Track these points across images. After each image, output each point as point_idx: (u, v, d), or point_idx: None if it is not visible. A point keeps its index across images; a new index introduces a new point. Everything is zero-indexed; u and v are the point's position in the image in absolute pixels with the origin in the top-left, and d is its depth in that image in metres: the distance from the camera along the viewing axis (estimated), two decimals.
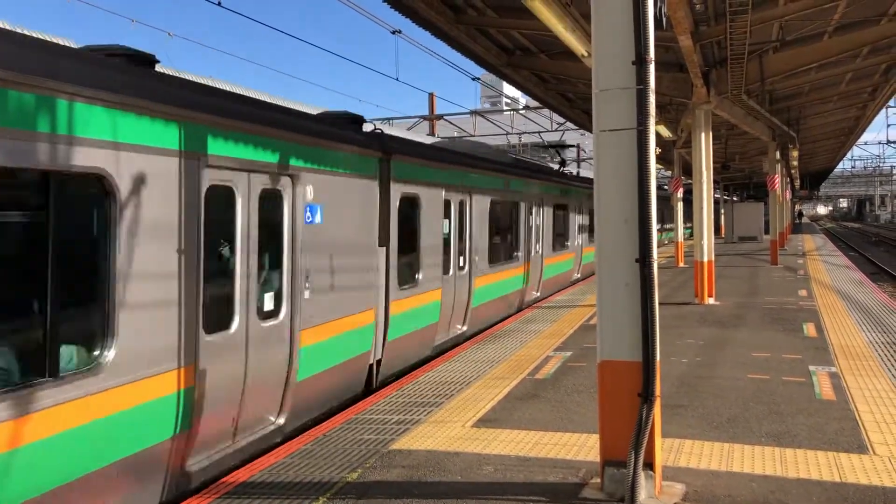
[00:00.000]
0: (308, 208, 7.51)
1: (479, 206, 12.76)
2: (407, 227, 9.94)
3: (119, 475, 5.17)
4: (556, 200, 18.26)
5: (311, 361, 7.51)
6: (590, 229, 22.01)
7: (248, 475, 5.72)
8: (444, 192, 11.23)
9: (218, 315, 6.20)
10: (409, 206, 10.12)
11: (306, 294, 7.40)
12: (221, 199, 6.30)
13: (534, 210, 16.24)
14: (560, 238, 18.63)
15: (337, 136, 8.26)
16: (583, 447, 6.18)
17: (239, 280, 6.47)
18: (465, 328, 12.31)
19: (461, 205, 12.12)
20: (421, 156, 10.44)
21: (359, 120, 9.62)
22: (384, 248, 9.21)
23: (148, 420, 5.39)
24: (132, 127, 5.27)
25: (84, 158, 4.85)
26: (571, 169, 41.83)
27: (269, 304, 6.93)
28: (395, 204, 9.47)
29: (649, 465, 4.98)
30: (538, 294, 16.65)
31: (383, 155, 9.29)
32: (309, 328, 7.43)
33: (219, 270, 6.31)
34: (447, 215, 11.51)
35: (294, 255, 7.26)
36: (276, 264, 7.13)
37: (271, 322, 6.95)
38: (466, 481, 5.48)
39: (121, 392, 5.12)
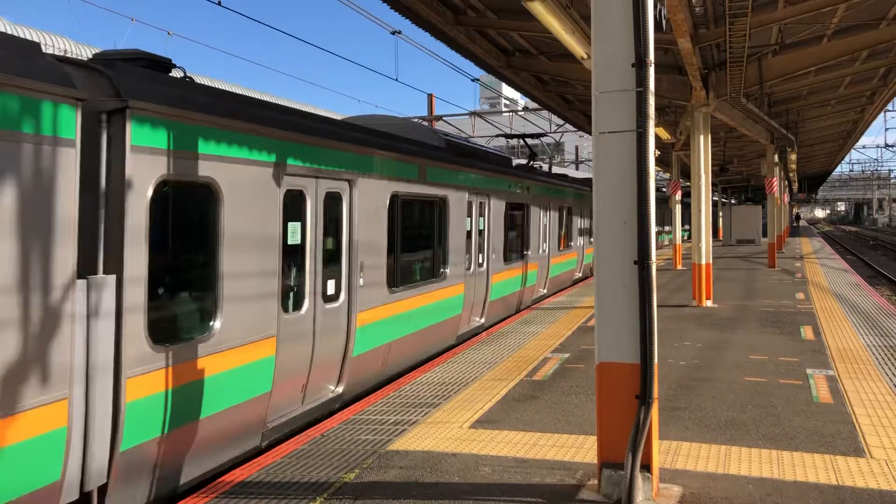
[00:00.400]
0: (361, 209, 8.67)
1: (496, 209, 13.90)
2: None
3: (234, 418, 6.48)
4: (562, 203, 18.99)
5: (365, 339, 8.69)
6: (590, 230, 22.45)
7: (246, 475, 5.72)
8: (467, 195, 12.29)
9: (293, 298, 7.46)
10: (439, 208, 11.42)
11: (360, 282, 8.60)
12: (296, 201, 7.46)
13: (542, 212, 17.08)
14: (565, 238, 19.49)
15: (392, 148, 9.54)
16: (580, 449, 6.18)
17: (308, 269, 7.66)
18: (481, 318, 13.94)
19: (481, 206, 13.22)
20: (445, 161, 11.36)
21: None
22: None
23: (250, 377, 6.66)
24: (235, 144, 6.50)
25: (203, 170, 6.07)
26: (567, 169, 41.90)
27: (330, 290, 8.14)
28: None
29: (646, 468, 4.99)
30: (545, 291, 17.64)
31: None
32: (363, 311, 8.66)
33: (293, 261, 7.50)
34: (471, 215, 12.74)
35: (350, 249, 8.45)
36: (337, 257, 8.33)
37: (332, 305, 8.13)
38: (464, 482, 5.48)
39: (233, 353, 6.42)
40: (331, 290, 8.04)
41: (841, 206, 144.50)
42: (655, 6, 5.36)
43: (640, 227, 5.04)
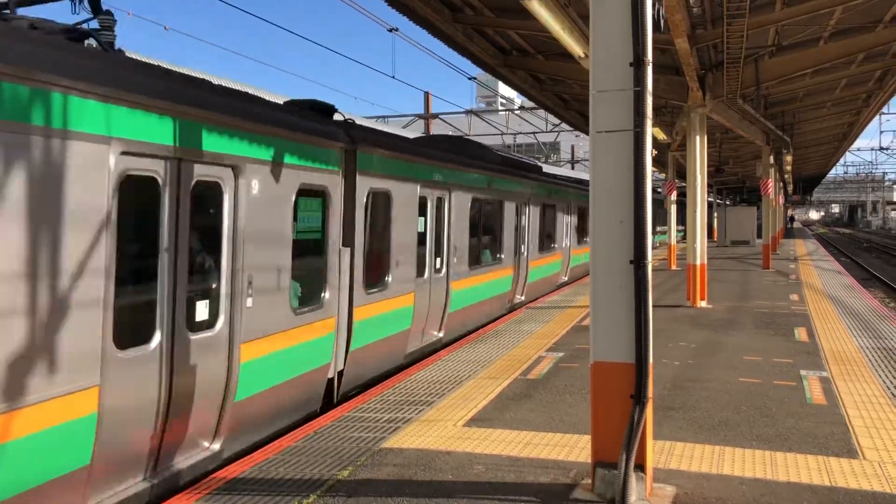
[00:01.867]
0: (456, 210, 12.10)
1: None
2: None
3: (394, 343, 9.82)
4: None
5: (456, 300, 12.10)
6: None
7: (239, 471, 5.70)
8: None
9: (419, 270, 10.61)
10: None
11: (454, 260, 11.99)
12: (423, 205, 10.93)
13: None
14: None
15: (467, 163, 12.57)
16: (574, 448, 6.18)
17: (430, 251, 11.25)
18: (523, 297, 16.27)
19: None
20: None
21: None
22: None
23: (402, 317, 9.94)
24: (401, 170, 9.96)
25: (386, 185, 9.48)
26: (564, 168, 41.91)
27: (437, 264, 11.55)
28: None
29: (640, 467, 4.98)
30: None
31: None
32: (457, 280, 12.05)
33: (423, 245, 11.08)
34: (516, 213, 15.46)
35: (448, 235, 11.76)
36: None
37: (438, 275, 11.49)
38: (457, 480, 5.47)
39: (395, 300, 9.71)
40: (437, 264, 11.45)
41: (835, 209, 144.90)
42: (654, 6, 5.35)
43: (636, 226, 5.03)
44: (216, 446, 6.36)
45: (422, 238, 10.79)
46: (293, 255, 7.32)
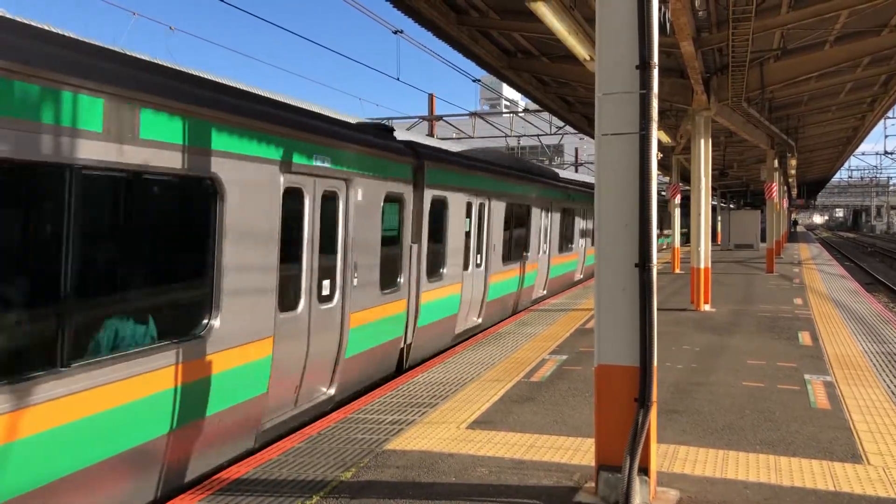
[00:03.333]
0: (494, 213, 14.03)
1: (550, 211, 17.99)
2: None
3: (445, 325, 11.81)
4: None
5: (493, 291, 14.15)
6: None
7: (243, 472, 5.70)
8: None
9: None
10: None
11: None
12: (469, 208, 12.71)
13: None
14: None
15: (501, 173, 14.60)
16: (577, 451, 6.17)
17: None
18: (545, 291, 18.11)
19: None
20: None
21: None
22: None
23: (451, 303, 11.73)
24: (454, 182, 11.85)
25: (444, 193, 11.43)
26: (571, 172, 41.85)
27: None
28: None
29: (644, 471, 4.97)
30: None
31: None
32: (493, 274, 13.94)
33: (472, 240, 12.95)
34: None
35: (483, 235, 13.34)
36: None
37: (479, 269, 13.38)
38: (460, 483, 5.46)
39: (446, 288, 11.65)
40: (479, 260, 13.37)
41: (839, 213, 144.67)
42: (659, 9, 5.35)
43: (641, 229, 5.03)
44: (331, 391, 8.35)
45: (467, 237, 12.68)
46: (381, 248, 9.28)
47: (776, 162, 25.94)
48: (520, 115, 37.96)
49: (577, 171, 47.93)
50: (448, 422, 7.03)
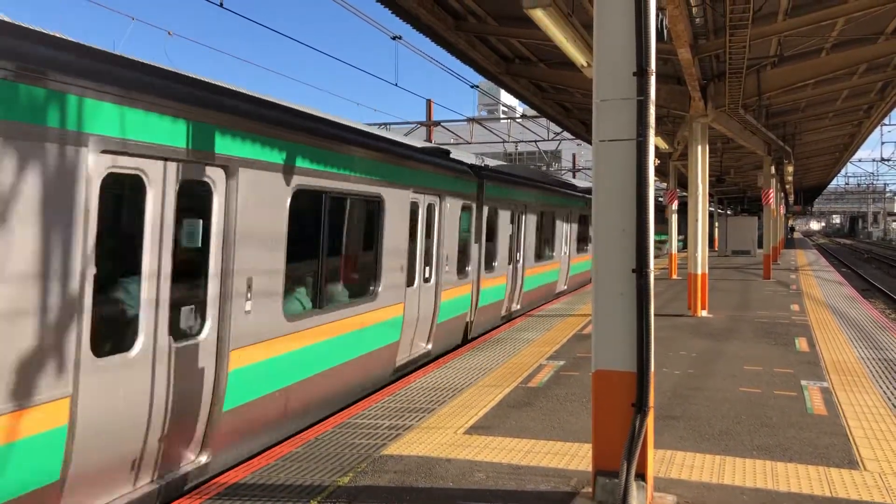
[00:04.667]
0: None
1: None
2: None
3: (493, 310, 14.45)
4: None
5: (527, 283, 16.89)
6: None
7: (240, 477, 5.70)
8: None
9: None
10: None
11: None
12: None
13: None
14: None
15: (533, 185, 17.43)
16: (574, 456, 6.17)
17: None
18: (566, 287, 20.74)
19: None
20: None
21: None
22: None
23: (499, 291, 14.02)
24: (500, 192, 14.71)
25: (496, 202, 14.44)
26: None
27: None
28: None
29: (641, 476, 4.98)
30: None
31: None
32: (527, 269, 16.61)
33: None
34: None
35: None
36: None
37: (518, 265, 16.12)
38: (458, 488, 5.47)
39: (492, 279, 14.19)
40: (517, 257, 16.17)
41: (836, 219, 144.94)
42: (657, 16, 5.37)
43: (638, 235, 5.04)
44: (430, 346, 11.40)
45: (510, 239, 15.51)
46: (458, 245, 12.17)
47: (773, 168, 26.02)
48: (517, 120, 38.00)
49: (574, 176, 47.99)
50: (446, 427, 7.04)
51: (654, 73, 5.10)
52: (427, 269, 11.10)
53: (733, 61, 12.19)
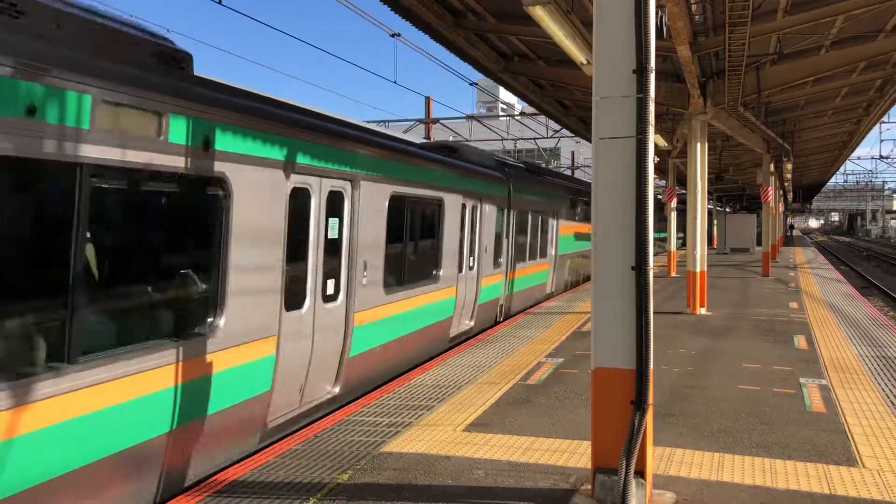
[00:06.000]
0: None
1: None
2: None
3: (531, 293, 17.25)
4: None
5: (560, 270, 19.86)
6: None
7: (239, 474, 5.71)
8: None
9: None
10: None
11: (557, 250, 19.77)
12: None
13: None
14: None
15: (554, 185, 19.83)
16: (574, 454, 6.18)
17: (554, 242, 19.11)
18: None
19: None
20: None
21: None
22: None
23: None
24: (528, 196, 16.93)
25: (522, 205, 16.35)
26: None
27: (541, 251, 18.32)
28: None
29: (640, 473, 4.98)
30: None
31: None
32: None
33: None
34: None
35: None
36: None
37: (546, 258, 18.40)
38: (457, 485, 5.47)
39: (532, 268, 17.21)
40: (550, 250, 18.80)
41: (835, 217, 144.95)
42: (657, 13, 5.37)
43: (638, 233, 5.04)
44: (472, 323, 13.17)
45: (533, 235, 17.32)
46: (493, 240, 14.02)
47: (772, 166, 26.03)
48: (516, 118, 38.00)
49: (573, 174, 47.99)
50: (445, 424, 7.04)
51: (653, 71, 5.10)
52: (471, 259, 13.01)
53: (732, 59, 12.19)
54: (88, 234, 4.83)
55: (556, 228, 19.71)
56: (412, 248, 10.46)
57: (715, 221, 42.99)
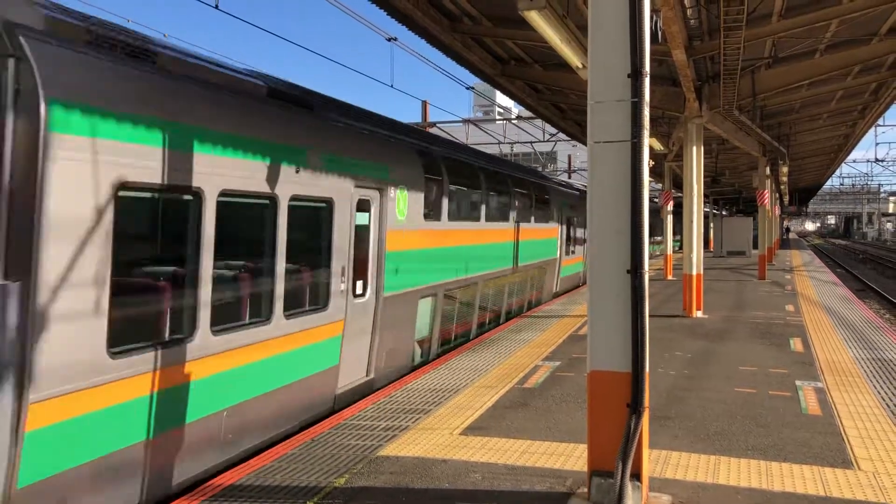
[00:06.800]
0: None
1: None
2: None
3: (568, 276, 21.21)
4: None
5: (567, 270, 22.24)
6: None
7: (236, 478, 5.71)
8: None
9: (566, 250, 20.83)
10: None
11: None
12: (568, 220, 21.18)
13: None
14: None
15: (573, 194, 22.63)
16: (570, 457, 6.19)
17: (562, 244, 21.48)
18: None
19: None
20: None
21: None
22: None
23: (576, 274, 20.91)
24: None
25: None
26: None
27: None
28: None
29: (636, 476, 5.00)
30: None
31: None
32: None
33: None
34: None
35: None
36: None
37: (572, 255, 21.84)
38: (454, 488, 5.48)
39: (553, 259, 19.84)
40: (574, 249, 21.39)
41: (831, 220, 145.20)
42: (651, 18, 5.40)
43: (633, 236, 5.06)
44: (557, 289, 18.58)
45: (569, 235, 20.43)
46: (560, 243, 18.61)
47: (768, 169, 26.08)
48: (513, 122, 38.03)
49: (570, 177, 48.05)
50: (441, 428, 7.05)
51: (648, 75, 5.12)
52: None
53: (728, 62, 12.23)
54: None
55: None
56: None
57: (711, 224, 43.04)
